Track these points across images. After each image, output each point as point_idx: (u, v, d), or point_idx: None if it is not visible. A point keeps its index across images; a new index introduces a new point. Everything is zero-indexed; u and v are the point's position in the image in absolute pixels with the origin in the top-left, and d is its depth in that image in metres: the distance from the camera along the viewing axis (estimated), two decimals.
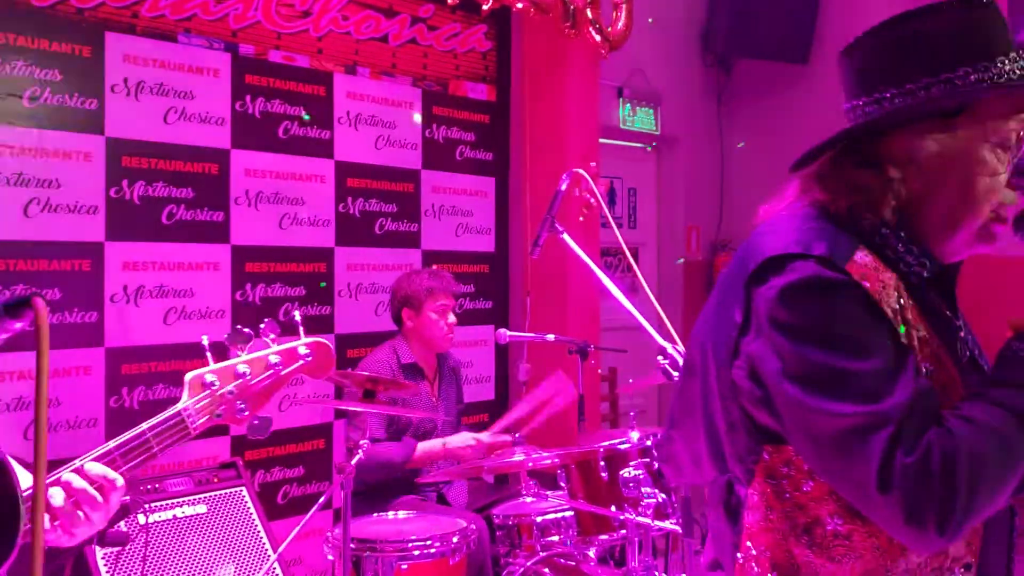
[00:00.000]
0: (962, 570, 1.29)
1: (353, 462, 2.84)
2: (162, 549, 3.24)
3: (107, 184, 3.63)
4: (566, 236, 2.93)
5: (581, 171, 2.96)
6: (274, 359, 1.71)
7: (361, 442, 2.89)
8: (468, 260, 4.93)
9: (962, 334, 1.26)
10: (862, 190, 1.31)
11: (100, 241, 3.60)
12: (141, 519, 3.14)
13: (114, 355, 3.64)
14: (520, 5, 4.33)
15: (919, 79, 1.27)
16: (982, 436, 1.15)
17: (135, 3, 3.71)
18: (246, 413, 1.66)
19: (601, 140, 5.32)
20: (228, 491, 3.52)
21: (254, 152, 4.05)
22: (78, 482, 1.47)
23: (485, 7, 4.23)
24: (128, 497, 2.81)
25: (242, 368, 1.66)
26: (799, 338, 1.22)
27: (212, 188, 3.93)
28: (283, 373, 1.71)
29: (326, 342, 1.77)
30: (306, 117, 4.19)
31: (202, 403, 1.63)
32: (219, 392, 1.64)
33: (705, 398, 1.36)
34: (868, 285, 1.22)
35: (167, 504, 3.34)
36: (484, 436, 3.70)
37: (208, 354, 1.65)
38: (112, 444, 1.54)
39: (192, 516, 3.39)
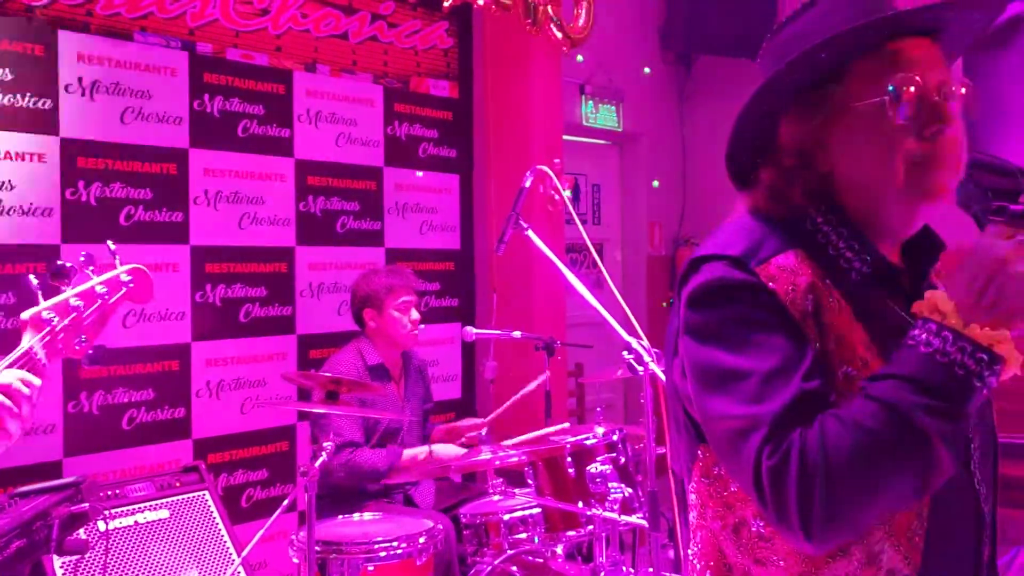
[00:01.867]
0: None
1: (317, 464, 2.81)
2: (123, 556, 3.18)
3: (62, 186, 3.56)
4: (531, 233, 2.93)
5: (545, 168, 2.95)
6: (100, 289, 1.78)
7: (325, 444, 2.86)
8: (433, 258, 4.90)
9: (916, 332, 1.15)
10: (768, 187, 1.31)
11: (56, 244, 3.53)
12: (101, 526, 3.09)
13: (72, 360, 3.56)
14: (481, 2, 4.31)
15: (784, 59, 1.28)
16: (847, 433, 1.10)
17: (88, 1, 3.64)
18: (84, 344, 1.74)
19: (564, 137, 5.32)
20: (191, 495, 3.47)
21: (213, 151, 4.00)
22: None
23: (446, 4, 4.21)
24: (87, 504, 2.77)
25: (75, 302, 1.73)
26: (698, 338, 1.23)
27: (171, 188, 3.87)
28: (111, 301, 1.80)
29: (144, 268, 1.86)
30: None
31: (46, 339, 1.70)
32: (59, 327, 1.71)
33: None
34: (774, 287, 1.20)
35: (128, 510, 3.28)
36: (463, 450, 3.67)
37: (39, 293, 1.72)
38: None
39: (154, 521, 3.33)
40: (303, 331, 4.31)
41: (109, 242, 1.90)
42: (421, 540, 3.05)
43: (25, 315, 1.71)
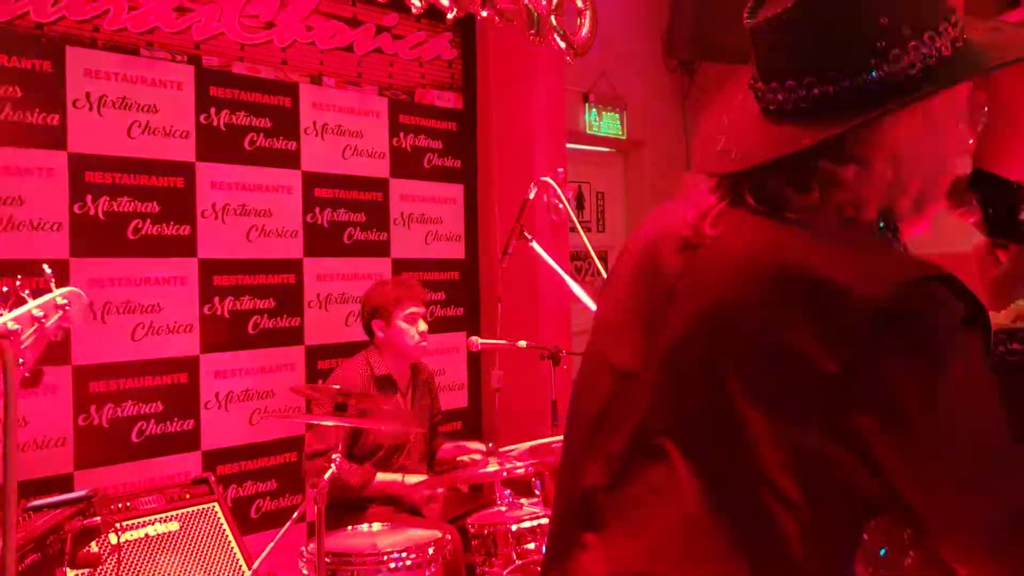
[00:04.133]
0: None
1: (326, 476, 2.83)
2: (134, 569, 3.20)
3: (71, 200, 3.59)
4: (535, 244, 2.95)
5: (548, 179, 2.98)
6: (37, 312, 1.78)
7: (334, 456, 2.88)
8: (438, 267, 4.92)
9: None
10: (848, 189, 1.11)
11: (65, 258, 3.56)
12: (113, 539, 3.11)
13: (82, 373, 3.60)
14: (484, 14, 4.33)
15: (897, 56, 1.08)
16: None
17: (96, 17, 3.67)
18: (22, 366, 1.72)
19: (568, 145, 5.33)
20: (200, 507, 3.48)
21: (220, 164, 4.03)
22: None
23: (449, 16, 4.23)
24: (99, 517, 2.79)
25: (12, 325, 1.71)
26: (941, 368, 1.06)
27: (178, 202, 3.90)
28: (48, 324, 1.80)
29: (78, 290, 1.88)
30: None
31: None
32: None
33: None
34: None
35: (138, 523, 3.29)
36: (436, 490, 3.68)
37: None
38: None
39: (164, 534, 3.34)
40: (311, 342, 4.33)
41: (44, 266, 1.92)
42: (430, 551, 3.07)
43: None
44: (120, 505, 3.29)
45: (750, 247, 1.12)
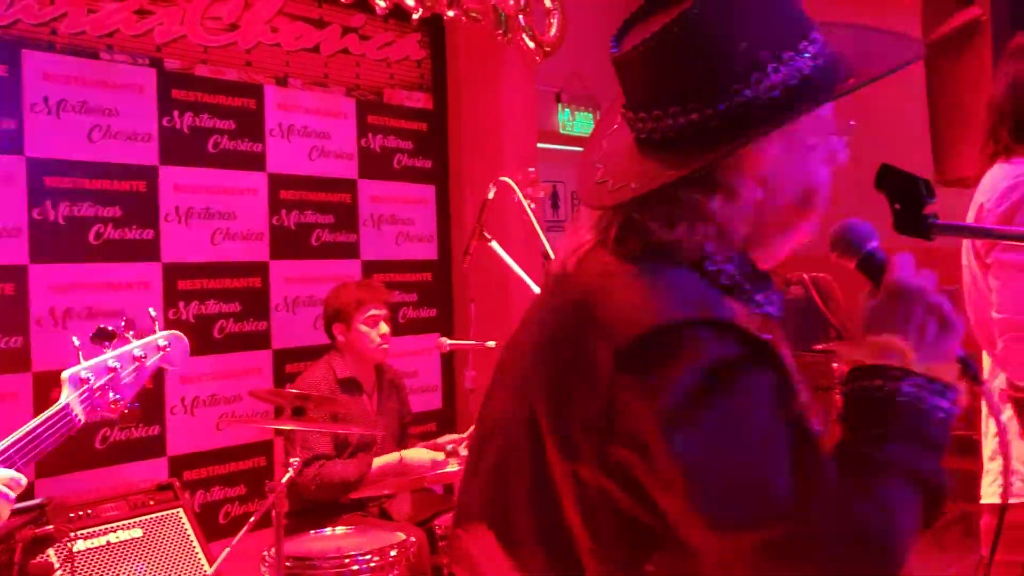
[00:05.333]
0: None
1: (284, 480, 2.80)
2: None
3: (29, 205, 3.55)
4: (495, 244, 2.93)
5: (507, 179, 2.95)
6: (138, 352, 1.96)
7: (291, 460, 2.85)
8: (410, 269, 4.89)
9: (878, 381, 1.08)
10: (711, 219, 1.09)
11: (24, 264, 3.52)
12: (73, 547, 3.08)
13: (42, 380, 3.56)
14: (451, 14, 4.31)
15: (758, 79, 1.06)
16: (891, 514, 1.01)
17: (53, 20, 3.63)
18: (120, 403, 1.90)
19: (542, 145, 5.32)
20: (164, 513, 3.45)
21: (183, 168, 3.99)
22: None
23: (415, 16, 4.21)
24: (52, 526, 2.76)
25: (112, 363, 1.90)
26: (697, 403, 1.03)
27: (141, 206, 3.86)
28: (148, 364, 1.97)
29: (180, 334, 2.07)
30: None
31: (83, 397, 1.86)
32: (95, 386, 1.87)
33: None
34: (771, 340, 1.07)
35: (100, 530, 3.26)
36: (440, 455, 3.64)
37: (80, 353, 1.88)
38: (6, 442, 1.75)
39: (127, 541, 3.31)
40: (279, 346, 4.30)
41: (151, 309, 2.11)
42: (392, 553, 3.04)
43: (65, 374, 1.87)
44: (80, 513, 3.26)
45: (574, 290, 1.13)
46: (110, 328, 1.93)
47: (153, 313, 2.06)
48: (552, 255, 2.98)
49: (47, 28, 3.62)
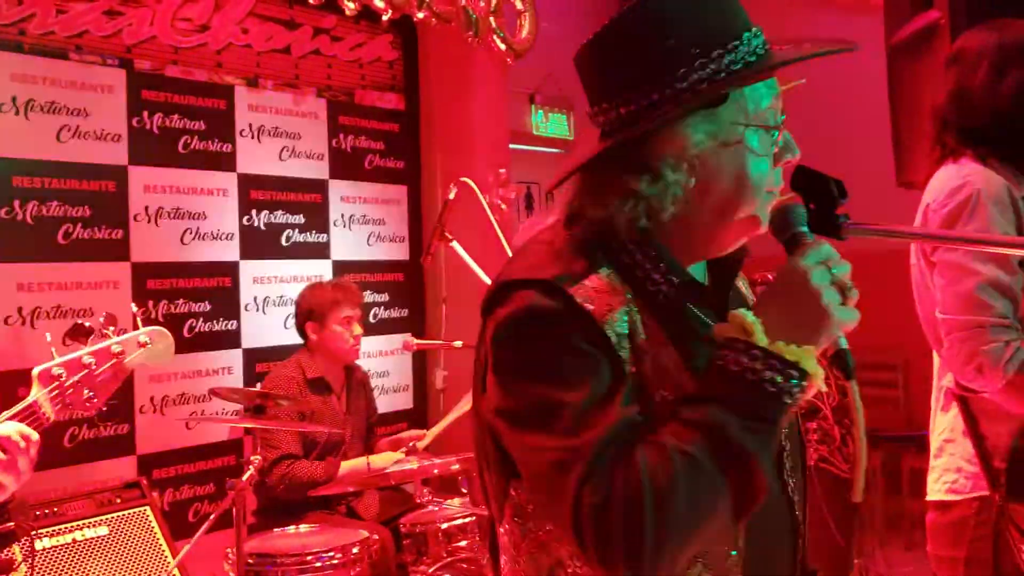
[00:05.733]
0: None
1: (244, 478, 2.83)
2: (61, 574, 3.19)
3: None
4: (455, 244, 2.97)
5: (468, 180, 2.99)
6: (116, 348, 1.88)
7: (252, 458, 2.88)
8: (382, 269, 4.92)
9: (725, 352, 1.13)
10: (640, 198, 1.19)
11: None
12: (38, 544, 3.11)
13: (9, 379, 3.57)
14: (421, 15, 4.35)
15: (684, 75, 1.17)
16: (670, 463, 1.06)
17: (22, 20, 3.65)
18: (95, 400, 1.85)
19: (515, 146, 5.36)
20: (132, 511, 3.47)
21: (153, 168, 4.01)
22: None
23: (384, 18, 4.24)
24: (12, 523, 2.78)
25: (87, 359, 1.83)
26: (513, 372, 1.16)
27: (110, 206, 3.88)
28: (127, 361, 1.89)
29: (164, 330, 1.97)
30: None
31: (52, 394, 1.80)
32: (67, 383, 1.81)
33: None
34: (591, 308, 1.15)
35: (66, 528, 3.28)
36: (401, 455, 3.65)
37: (52, 349, 1.82)
38: None
39: (93, 539, 3.34)
40: (248, 345, 4.32)
41: (132, 305, 2.11)
42: (354, 551, 3.08)
43: (35, 370, 1.81)
44: (47, 511, 3.28)
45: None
46: (87, 324, 1.88)
47: (135, 309, 2.04)
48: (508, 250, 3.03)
49: (15, 28, 3.64)
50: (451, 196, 3.03)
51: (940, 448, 2.34)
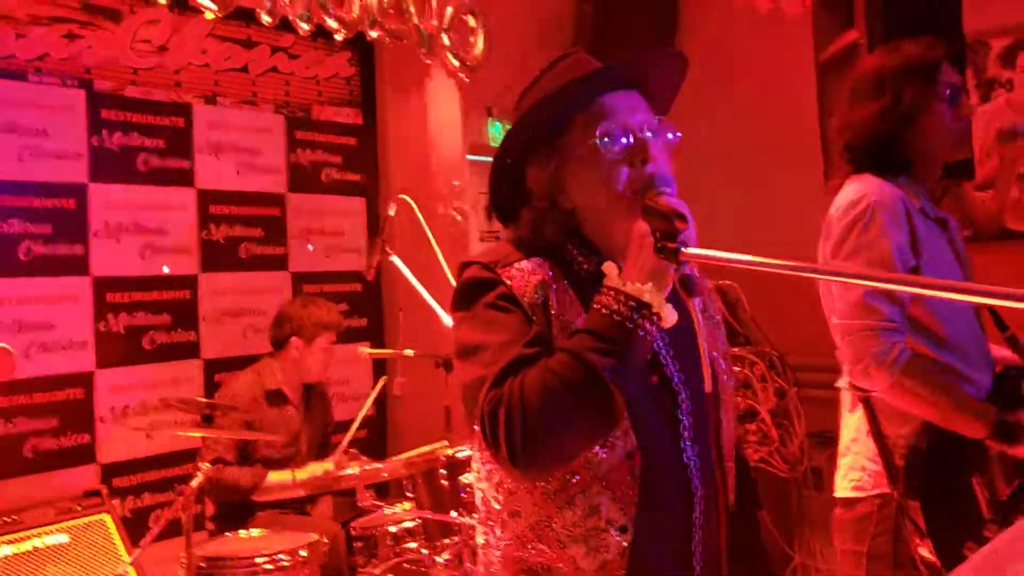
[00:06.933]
0: (617, 532, 1.53)
1: (194, 484, 2.96)
2: None
3: None
4: (395, 259, 3.11)
5: (406, 197, 3.14)
6: None
7: (202, 464, 3.01)
8: (341, 279, 5.05)
9: (598, 296, 1.50)
10: (529, 224, 1.64)
11: None
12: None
13: None
14: (374, 34, 4.48)
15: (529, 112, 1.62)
16: (540, 377, 1.43)
17: None
18: None
19: (473, 157, 5.48)
20: (91, 519, 3.60)
21: (113, 184, 4.13)
22: None
23: (338, 37, 4.38)
24: None
25: None
26: (458, 322, 1.60)
27: (70, 222, 4.00)
28: None
29: (7, 347, 2.29)
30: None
31: None
32: None
33: None
34: (511, 283, 1.56)
35: (25, 535, 3.40)
36: (330, 464, 3.78)
37: None
38: None
39: (53, 546, 3.46)
40: (208, 356, 4.45)
41: None
42: (303, 553, 3.21)
43: None
44: (6, 518, 3.40)
45: None
46: None
47: None
48: (447, 270, 3.18)
49: None
50: (391, 212, 3.17)
51: (847, 447, 2.50)
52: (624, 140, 1.54)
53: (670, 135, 1.59)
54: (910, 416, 2.25)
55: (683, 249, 1.39)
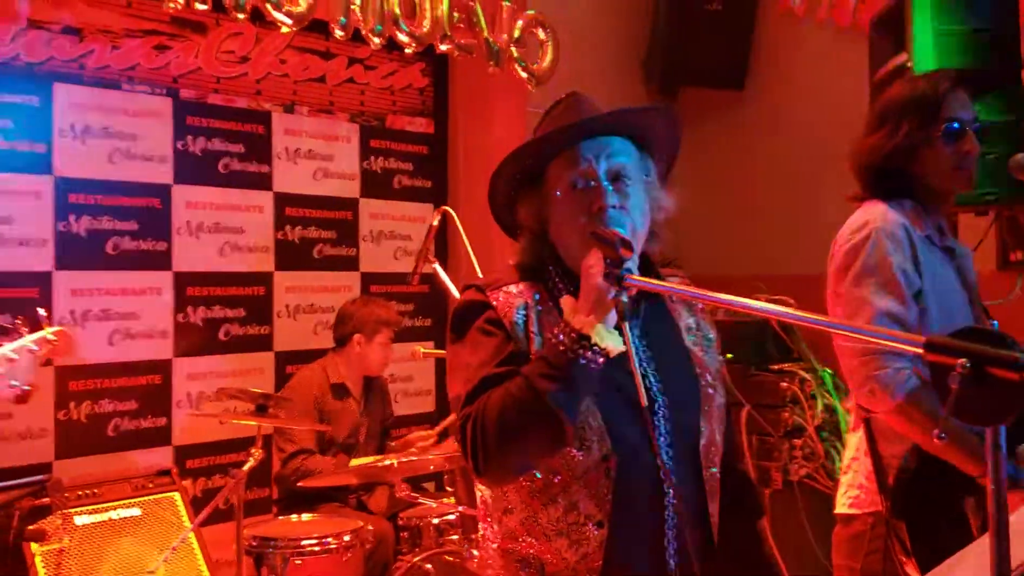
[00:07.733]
0: (595, 526, 1.67)
1: (245, 468, 3.20)
2: (96, 547, 3.63)
3: (56, 219, 4.03)
4: (438, 267, 3.29)
5: (448, 208, 3.31)
6: (32, 346, 2.49)
7: (252, 451, 3.25)
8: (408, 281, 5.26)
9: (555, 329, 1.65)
10: (523, 251, 1.83)
11: (48, 271, 4.01)
12: (77, 520, 3.56)
13: (62, 373, 4.03)
14: (445, 48, 4.67)
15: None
16: (499, 398, 1.59)
17: (82, 56, 4.11)
18: (15, 386, 2.42)
19: None
20: (162, 496, 3.91)
21: (195, 186, 4.44)
22: None
23: (408, 51, 4.59)
24: (49, 499, 3.22)
25: (11, 355, 2.43)
26: (450, 339, 1.77)
27: (155, 220, 4.32)
28: (40, 354, 2.53)
29: (67, 330, 2.66)
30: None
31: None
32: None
33: None
34: (496, 305, 1.73)
35: (102, 507, 3.72)
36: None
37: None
38: None
39: (126, 518, 3.77)
40: (280, 348, 4.72)
41: (40, 309, 2.65)
42: (346, 538, 3.43)
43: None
44: (87, 491, 3.73)
45: None
46: (7, 325, 2.46)
47: (43, 313, 2.62)
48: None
49: (76, 64, 4.10)
50: (435, 223, 3.35)
51: (848, 465, 2.55)
52: (581, 184, 1.71)
53: (627, 182, 1.74)
54: (904, 437, 2.30)
55: (626, 277, 1.52)
